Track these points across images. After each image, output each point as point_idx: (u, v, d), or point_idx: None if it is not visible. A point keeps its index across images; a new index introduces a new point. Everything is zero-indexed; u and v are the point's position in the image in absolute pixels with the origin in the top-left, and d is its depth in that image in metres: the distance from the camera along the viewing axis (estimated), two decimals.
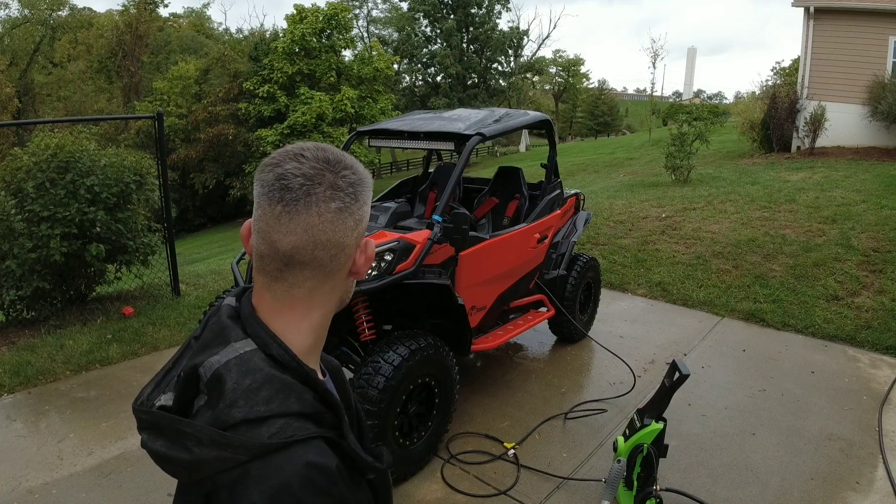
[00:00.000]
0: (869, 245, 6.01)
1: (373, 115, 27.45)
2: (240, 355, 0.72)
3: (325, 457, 0.69)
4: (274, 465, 0.65)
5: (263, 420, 0.67)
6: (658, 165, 12.56)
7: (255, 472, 0.65)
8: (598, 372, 4.13)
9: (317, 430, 0.70)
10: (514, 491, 2.84)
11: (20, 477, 2.93)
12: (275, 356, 0.73)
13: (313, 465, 0.66)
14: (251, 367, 0.71)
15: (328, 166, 0.76)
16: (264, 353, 0.73)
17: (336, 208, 0.75)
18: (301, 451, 0.67)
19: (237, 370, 0.70)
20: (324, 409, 0.73)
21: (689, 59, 74.84)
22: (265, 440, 0.65)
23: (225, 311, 0.80)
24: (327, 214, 0.74)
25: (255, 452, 0.65)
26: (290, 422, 0.68)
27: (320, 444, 0.70)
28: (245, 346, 0.73)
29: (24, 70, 32.51)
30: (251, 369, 0.70)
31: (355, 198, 0.77)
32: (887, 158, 10.89)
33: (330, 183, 0.74)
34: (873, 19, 12.05)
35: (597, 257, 5.32)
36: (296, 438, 0.67)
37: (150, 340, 4.56)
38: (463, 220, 3.01)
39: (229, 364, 0.70)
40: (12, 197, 4.55)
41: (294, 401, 0.70)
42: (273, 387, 0.70)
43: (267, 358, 0.73)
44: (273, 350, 0.74)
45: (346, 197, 0.76)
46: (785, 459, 3.06)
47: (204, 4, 52.84)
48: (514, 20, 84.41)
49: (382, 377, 2.68)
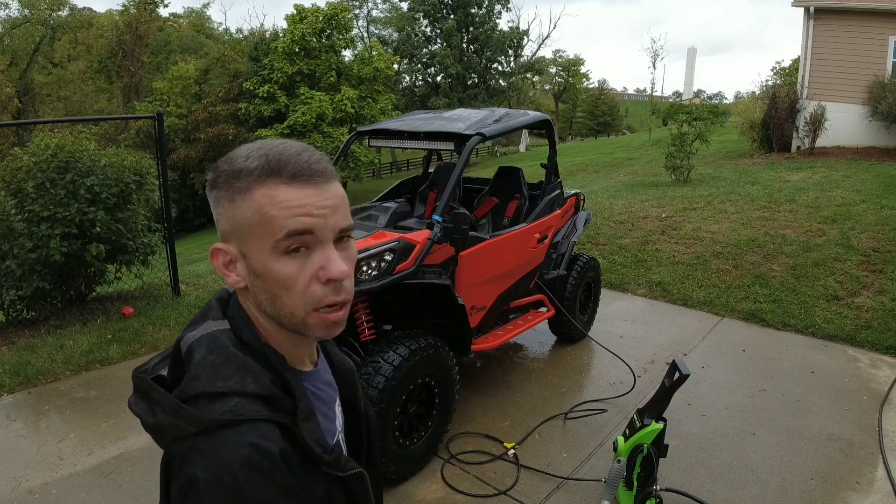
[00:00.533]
0: (869, 245, 6.01)
1: (373, 115, 27.43)
2: (211, 332, 0.76)
3: (269, 440, 0.68)
4: (219, 442, 0.66)
5: (220, 396, 0.69)
6: (658, 165, 12.56)
7: (201, 445, 0.66)
8: (598, 372, 4.13)
9: (268, 413, 0.70)
10: (514, 491, 2.84)
11: (20, 477, 2.93)
12: (242, 338, 0.76)
13: (255, 447, 0.66)
14: (217, 345, 0.74)
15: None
16: (234, 334, 0.77)
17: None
18: (247, 431, 0.67)
19: (205, 346, 0.74)
20: (281, 394, 0.73)
21: (689, 59, 74.84)
22: (216, 416, 0.67)
23: (218, 293, 0.85)
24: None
25: (203, 426, 0.67)
26: (243, 401, 0.69)
27: (269, 427, 0.69)
28: (219, 325, 0.77)
29: (24, 70, 32.50)
30: (217, 346, 0.74)
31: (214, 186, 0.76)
32: (887, 158, 10.89)
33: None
34: (873, 19, 12.04)
35: (597, 257, 5.32)
36: (244, 418, 0.67)
37: (150, 340, 4.56)
38: (463, 220, 3.01)
39: (201, 340, 0.75)
40: (12, 197, 4.55)
41: (251, 381, 0.71)
42: (233, 365, 0.72)
43: (236, 338, 0.76)
44: (243, 332, 0.77)
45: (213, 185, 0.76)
46: (785, 459, 3.06)
47: (204, 4, 52.89)
48: (514, 20, 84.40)
49: (382, 377, 2.68)
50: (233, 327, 0.78)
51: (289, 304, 0.73)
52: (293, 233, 0.71)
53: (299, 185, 0.71)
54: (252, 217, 0.71)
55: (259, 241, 0.72)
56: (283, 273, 0.72)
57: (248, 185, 0.71)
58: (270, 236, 0.71)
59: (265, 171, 0.71)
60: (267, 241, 0.71)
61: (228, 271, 0.76)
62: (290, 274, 0.72)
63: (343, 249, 0.76)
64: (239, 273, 0.75)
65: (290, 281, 0.72)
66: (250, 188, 0.71)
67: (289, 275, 0.72)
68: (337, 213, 0.74)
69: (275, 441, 0.68)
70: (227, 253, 0.75)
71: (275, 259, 0.72)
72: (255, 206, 0.71)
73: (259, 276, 0.73)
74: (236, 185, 0.72)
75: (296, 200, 0.71)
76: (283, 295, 0.73)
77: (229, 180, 0.73)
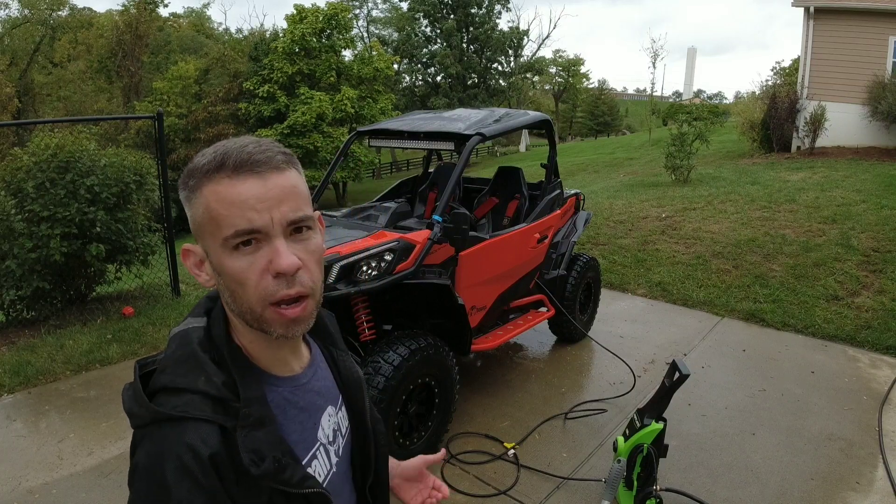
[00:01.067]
0: (869, 245, 6.01)
1: (373, 115, 27.43)
2: (186, 329, 0.78)
3: (204, 442, 0.68)
4: (162, 435, 0.68)
5: (177, 391, 0.71)
6: (658, 165, 12.56)
7: (149, 435, 0.69)
8: (598, 372, 4.13)
9: (214, 414, 0.69)
10: (514, 491, 2.84)
11: (20, 477, 2.93)
12: (212, 336, 0.77)
13: (188, 447, 0.67)
14: (185, 341, 0.76)
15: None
16: (206, 331, 0.78)
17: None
18: (187, 429, 0.68)
19: (177, 342, 0.77)
20: (232, 397, 0.72)
21: (689, 59, 74.85)
22: (168, 409, 0.69)
23: (211, 292, 0.84)
24: None
25: (153, 418, 0.69)
26: (194, 399, 0.70)
27: (209, 428, 0.69)
28: (195, 322, 0.79)
29: (24, 70, 32.49)
30: (184, 343, 0.76)
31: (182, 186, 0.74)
32: (887, 158, 10.89)
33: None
34: (873, 19, 12.04)
35: (597, 257, 5.32)
36: (188, 415, 0.69)
37: (150, 340, 4.56)
38: (463, 220, 3.01)
39: (176, 336, 0.78)
40: (12, 197, 4.55)
41: (203, 381, 0.71)
42: (190, 363, 0.73)
43: (204, 336, 0.77)
44: (215, 329, 0.78)
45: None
46: (785, 459, 3.06)
47: (204, 4, 52.95)
48: (514, 20, 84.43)
49: (382, 377, 2.68)
50: (208, 325, 0.79)
51: (245, 299, 0.72)
52: (240, 232, 0.69)
53: (242, 177, 0.69)
54: (203, 215, 0.71)
55: (212, 239, 0.71)
56: (236, 268, 0.71)
57: (199, 182, 0.71)
58: (220, 233, 0.70)
59: (211, 167, 0.70)
60: (217, 238, 0.71)
61: (199, 271, 0.76)
62: (241, 269, 0.71)
63: (300, 241, 0.73)
64: (207, 272, 0.76)
65: (243, 276, 0.71)
66: (200, 185, 0.71)
67: (240, 269, 0.71)
68: (283, 205, 0.71)
69: (209, 444, 0.68)
70: (196, 253, 0.76)
71: (227, 255, 0.71)
72: (204, 203, 0.70)
73: (220, 274, 0.73)
74: (190, 183, 0.72)
75: (237, 195, 0.69)
76: (239, 291, 0.72)
77: (186, 179, 0.73)
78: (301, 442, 0.80)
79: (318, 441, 0.84)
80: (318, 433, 0.84)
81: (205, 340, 0.76)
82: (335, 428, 0.88)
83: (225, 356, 0.75)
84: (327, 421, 0.86)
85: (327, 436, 0.86)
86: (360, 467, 0.94)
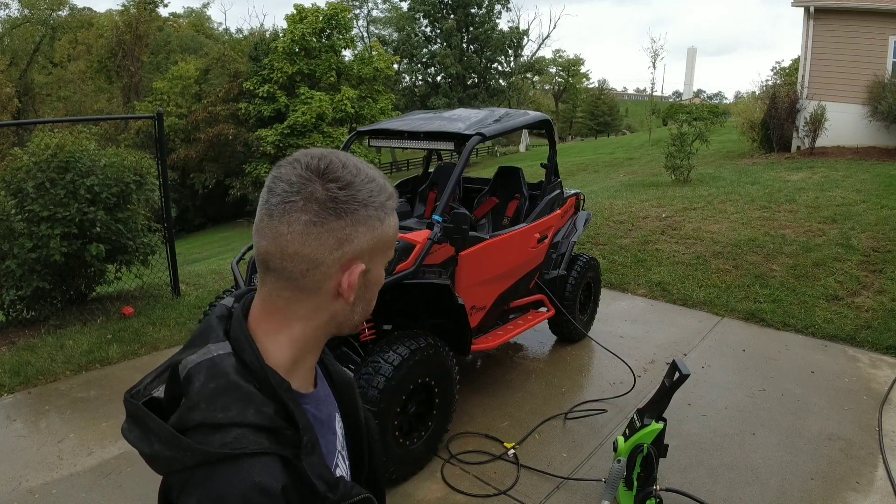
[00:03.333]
0: (869, 245, 6.01)
1: (373, 115, 27.45)
2: (211, 358, 0.72)
3: (272, 476, 0.65)
4: (218, 476, 0.64)
5: (220, 427, 0.66)
6: (658, 165, 12.56)
7: (200, 478, 0.64)
8: (598, 372, 4.13)
9: (270, 445, 0.67)
10: (514, 491, 2.84)
11: (20, 477, 2.93)
12: (246, 362, 0.72)
13: (256, 485, 0.64)
14: (218, 372, 0.70)
15: (317, 175, 0.72)
16: (237, 358, 0.72)
17: (306, 221, 0.71)
18: (248, 466, 0.65)
19: (206, 373, 0.70)
20: (284, 425, 0.70)
21: (689, 59, 74.88)
22: (216, 448, 0.64)
23: (217, 311, 0.80)
24: (297, 226, 0.71)
25: (202, 459, 0.64)
26: (245, 433, 0.66)
27: (271, 461, 0.67)
28: (220, 349, 0.73)
29: (24, 70, 32.50)
30: (217, 374, 0.70)
31: (336, 214, 0.72)
32: (887, 158, 10.89)
33: (308, 193, 0.71)
34: (873, 19, 12.04)
35: (597, 257, 5.32)
36: (246, 452, 0.65)
37: (150, 340, 4.56)
38: (463, 220, 3.01)
39: (200, 366, 0.71)
40: (12, 197, 4.55)
41: (253, 412, 0.68)
42: (233, 395, 0.69)
43: (237, 363, 0.72)
44: (246, 355, 0.73)
45: (323, 211, 0.71)
46: (785, 459, 3.06)
47: (204, 4, 52.77)
48: (514, 20, 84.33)
49: (382, 377, 2.68)
50: (234, 349, 0.74)
51: (371, 306, 0.84)
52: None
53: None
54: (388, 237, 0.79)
55: (383, 257, 0.80)
56: (382, 279, 0.83)
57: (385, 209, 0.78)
58: (388, 255, 0.82)
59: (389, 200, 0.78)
60: (386, 257, 0.81)
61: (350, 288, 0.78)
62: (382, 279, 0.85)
63: None
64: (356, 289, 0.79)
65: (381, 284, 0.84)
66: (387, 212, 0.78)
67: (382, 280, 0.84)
68: None
69: (277, 478, 0.66)
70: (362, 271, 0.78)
71: (381, 270, 0.82)
72: (390, 229, 0.79)
73: (372, 287, 0.82)
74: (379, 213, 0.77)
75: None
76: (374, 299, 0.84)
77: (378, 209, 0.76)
78: (329, 454, 0.81)
79: (337, 449, 0.85)
80: (336, 442, 0.85)
81: (241, 368, 0.71)
82: (342, 434, 0.90)
83: (269, 382, 0.72)
84: (338, 427, 0.88)
85: (341, 442, 0.88)
86: (356, 464, 0.96)
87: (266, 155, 25.98)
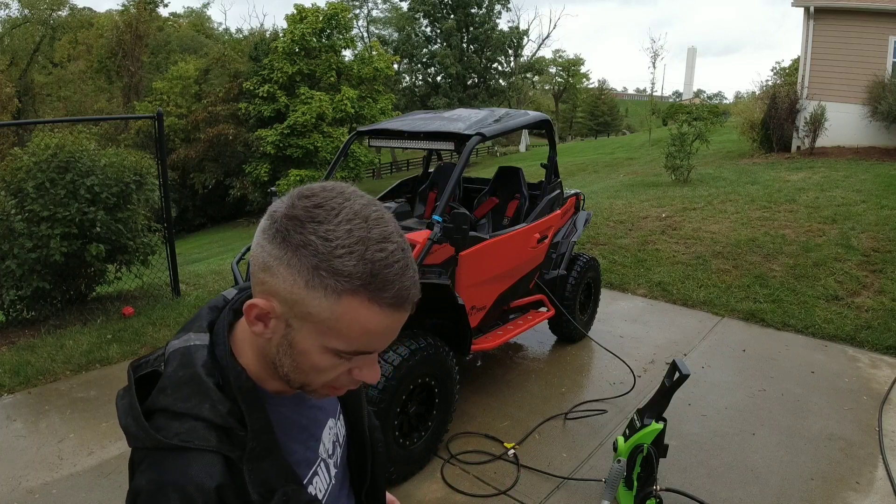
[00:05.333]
0: (869, 245, 6.01)
1: (373, 115, 27.44)
2: (187, 346, 0.73)
3: (208, 474, 0.65)
4: (166, 464, 0.66)
5: (179, 416, 0.68)
6: (658, 165, 12.56)
7: (151, 461, 0.67)
8: (598, 372, 4.13)
9: (218, 444, 0.67)
10: (514, 491, 2.84)
11: (20, 477, 2.93)
12: (216, 356, 0.73)
13: (192, 479, 0.65)
14: (187, 362, 0.71)
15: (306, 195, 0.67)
16: (209, 351, 0.73)
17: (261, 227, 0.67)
18: (192, 460, 0.66)
19: (178, 360, 0.72)
20: (237, 426, 0.69)
21: (689, 59, 74.79)
22: (171, 437, 0.66)
23: (213, 301, 0.82)
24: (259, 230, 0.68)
25: (155, 444, 0.66)
26: (198, 427, 0.67)
27: (214, 458, 0.66)
28: (197, 339, 0.74)
29: (24, 70, 32.49)
30: (187, 363, 0.71)
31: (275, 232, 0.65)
32: (887, 158, 10.89)
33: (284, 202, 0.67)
34: (873, 19, 12.04)
35: (597, 257, 5.32)
36: (191, 446, 0.66)
37: (150, 340, 4.56)
38: (463, 220, 3.01)
39: (177, 352, 0.73)
40: (12, 197, 4.55)
41: (208, 408, 0.68)
42: (193, 387, 0.69)
43: (208, 356, 0.72)
44: (217, 349, 0.73)
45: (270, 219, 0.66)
46: (785, 459, 3.06)
47: (204, 4, 52.89)
48: (514, 20, 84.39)
49: (382, 377, 2.68)
50: (211, 342, 0.74)
51: (311, 381, 0.71)
52: (358, 352, 0.68)
53: (393, 311, 0.65)
54: (327, 319, 0.64)
55: (316, 336, 0.66)
56: (323, 365, 0.69)
57: (340, 287, 0.63)
58: (332, 342, 0.66)
59: (364, 285, 0.63)
60: (325, 340, 0.66)
61: (258, 321, 0.68)
62: (328, 367, 0.69)
63: None
64: (270, 329, 0.68)
65: (325, 371, 0.69)
66: (341, 293, 0.63)
67: (327, 367, 0.69)
68: (397, 331, 0.69)
69: (213, 476, 0.66)
70: (268, 312, 0.67)
71: (321, 353, 0.68)
72: (338, 313, 0.64)
73: (295, 353, 0.68)
74: (327, 280, 0.63)
75: (381, 329, 0.66)
76: (312, 375, 0.70)
77: (319, 268, 0.62)
78: (303, 461, 0.79)
79: (319, 457, 0.83)
80: (319, 449, 0.83)
81: (209, 362, 0.72)
82: (334, 440, 0.88)
83: (231, 382, 0.71)
84: (327, 434, 0.86)
85: (327, 450, 0.85)
86: (357, 473, 0.93)
87: (266, 155, 25.97)
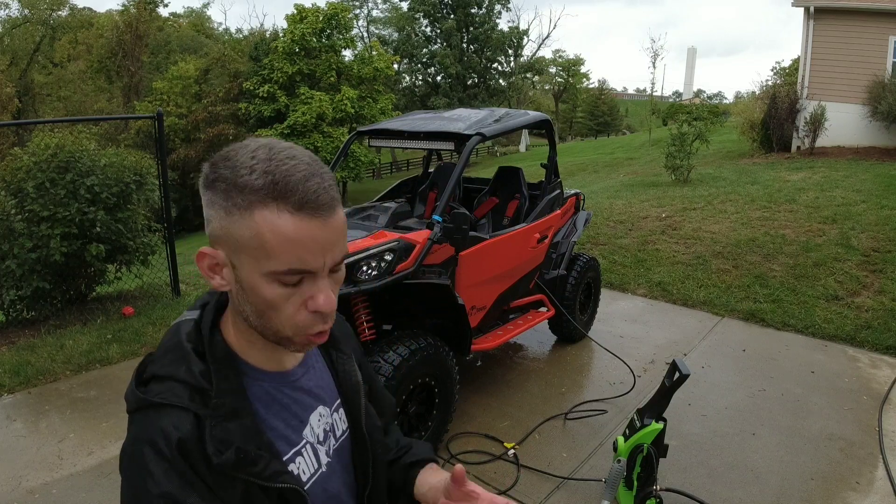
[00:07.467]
0: (869, 245, 6.01)
1: (373, 115, 27.42)
2: (181, 321, 0.82)
3: (174, 426, 0.70)
4: (144, 420, 0.72)
5: (163, 379, 0.74)
6: (658, 165, 12.56)
7: (134, 420, 0.74)
8: (598, 372, 4.13)
9: (190, 403, 0.72)
10: (514, 491, 2.84)
11: (20, 477, 2.93)
12: (199, 326, 0.80)
13: (160, 431, 0.70)
14: (176, 331, 0.80)
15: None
16: (196, 323, 0.80)
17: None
18: (164, 414, 0.71)
19: (170, 332, 0.80)
20: (209, 386, 0.74)
21: (689, 59, 74.77)
22: (151, 397, 0.72)
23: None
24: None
25: (139, 404, 0.73)
26: (174, 387, 0.73)
27: (183, 414, 0.71)
28: (190, 315, 0.82)
29: (24, 70, 32.47)
30: (175, 333, 0.79)
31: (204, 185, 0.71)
32: (887, 158, 10.89)
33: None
34: (873, 19, 12.04)
35: (597, 257, 5.32)
36: (166, 402, 0.72)
37: (150, 340, 4.56)
38: (463, 220, 3.01)
39: (173, 326, 0.82)
40: (12, 197, 4.56)
41: (184, 370, 0.74)
42: (175, 352, 0.77)
43: (193, 328, 0.79)
44: (203, 323, 0.80)
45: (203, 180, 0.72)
46: (785, 459, 3.06)
47: (204, 4, 52.92)
48: (513, 20, 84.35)
49: (382, 377, 2.68)
50: (200, 316, 0.81)
51: (275, 323, 0.73)
52: (293, 271, 0.69)
53: (305, 216, 0.67)
54: (250, 239, 0.68)
55: (253, 263, 0.69)
56: (274, 296, 0.70)
57: (249, 202, 0.67)
58: (266, 264, 0.68)
59: (269, 194, 0.66)
60: (262, 266, 0.69)
61: (213, 274, 0.74)
62: (279, 298, 0.71)
63: (334, 276, 0.74)
64: (224, 277, 0.73)
65: (279, 304, 0.71)
66: (251, 207, 0.67)
67: (278, 298, 0.71)
68: (335, 248, 0.71)
69: (179, 429, 0.70)
70: (215, 258, 0.73)
71: (265, 281, 0.70)
72: (255, 229, 0.67)
73: (246, 291, 0.72)
74: (236, 198, 0.67)
75: (299, 236, 0.67)
76: (271, 315, 0.72)
77: (229, 191, 0.68)
78: (284, 438, 0.80)
79: (305, 439, 0.83)
80: (304, 431, 0.83)
81: (192, 332, 0.79)
82: (326, 428, 0.87)
83: (204, 345, 0.77)
84: (317, 420, 0.86)
85: (317, 435, 0.85)
86: (360, 473, 0.93)
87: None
